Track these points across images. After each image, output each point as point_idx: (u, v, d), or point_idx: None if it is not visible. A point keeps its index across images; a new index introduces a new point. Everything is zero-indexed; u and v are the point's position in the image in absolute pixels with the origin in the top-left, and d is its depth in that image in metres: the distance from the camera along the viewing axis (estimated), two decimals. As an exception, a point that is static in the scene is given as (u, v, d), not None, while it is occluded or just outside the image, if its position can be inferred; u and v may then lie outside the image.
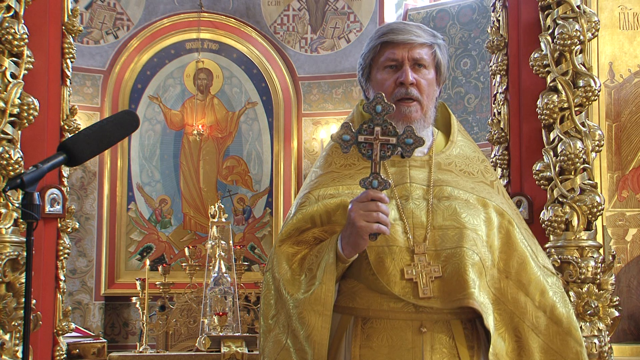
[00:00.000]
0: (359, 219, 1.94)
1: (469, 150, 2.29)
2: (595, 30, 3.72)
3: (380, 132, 1.97)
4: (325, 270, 2.03)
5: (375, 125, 1.97)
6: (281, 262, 2.12)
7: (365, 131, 1.98)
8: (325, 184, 2.18)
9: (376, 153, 1.97)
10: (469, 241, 2.06)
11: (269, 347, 2.12)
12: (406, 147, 1.97)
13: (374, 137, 1.97)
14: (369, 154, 1.98)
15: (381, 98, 1.98)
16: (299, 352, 2.04)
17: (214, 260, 7.93)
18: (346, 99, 9.80)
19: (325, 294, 2.02)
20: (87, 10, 9.58)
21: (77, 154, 1.93)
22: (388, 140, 1.97)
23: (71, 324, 4.06)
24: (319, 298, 2.02)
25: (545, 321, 2.13)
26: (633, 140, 4.03)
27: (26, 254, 1.86)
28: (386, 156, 1.98)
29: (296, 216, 2.16)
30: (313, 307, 2.02)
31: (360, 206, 1.95)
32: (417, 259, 2.05)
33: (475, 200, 2.15)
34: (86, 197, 9.48)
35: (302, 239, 2.15)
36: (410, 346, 2.05)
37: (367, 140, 1.97)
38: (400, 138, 1.97)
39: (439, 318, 2.07)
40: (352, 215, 1.95)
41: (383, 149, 1.97)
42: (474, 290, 2.02)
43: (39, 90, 3.62)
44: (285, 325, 2.10)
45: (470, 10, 9.20)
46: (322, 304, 2.02)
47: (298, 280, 2.09)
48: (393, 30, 2.19)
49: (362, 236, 1.96)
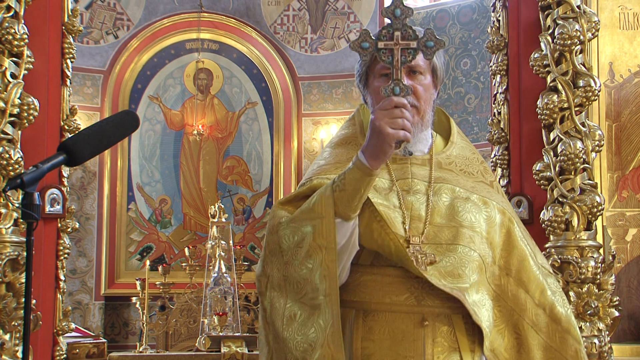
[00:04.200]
0: (385, 127, 1.91)
1: (468, 151, 2.31)
2: (595, 30, 3.72)
3: (400, 36, 1.92)
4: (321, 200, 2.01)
5: (395, 30, 1.92)
6: (279, 213, 2.11)
7: (385, 37, 1.93)
8: (328, 171, 2.19)
9: (397, 58, 1.92)
10: (465, 239, 2.08)
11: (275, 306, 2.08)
12: (427, 50, 1.93)
13: (394, 42, 1.92)
14: (389, 60, 1.92)
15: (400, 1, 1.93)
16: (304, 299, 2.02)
17: (214, 260, 7.93)
18: (346, 99, 9.80)
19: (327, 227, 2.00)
20: (87, 10, 9.58)
21: (77, 154, 1.93)
22: (408, 44, 1.92)
23: (71, 324, 4.06)
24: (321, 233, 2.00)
25: (544, 319, 2.15)
26: (633, 140, 4.03)
27: (26, 254, 1.86)
28: (407, 61, 1.93)
29: (298, 190, 2.16)
30: (316, 240, 2.01)
31: (385, 113, 1.92)
32: (413, 247, 2.06)
33: (477, 199, 2.17)
34: (86, 197, 9.48)
35: (299, 205, 2.13)
36: (412, 339, 2.06)
37: (387, 46, 1.92)
38: (420, 41, 1.92)
39: (440, 312, 2.08)
40: (377, 124, 1.92)
41: (404, 54, 1.92)
42: (468, 286, 2.05)
43: (39, 90, 3.62)
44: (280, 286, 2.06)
45: (470, 10, 9.19)
46: (324, 238, 2.00)
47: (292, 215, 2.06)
48: None
49: (389, 143, 1.93)
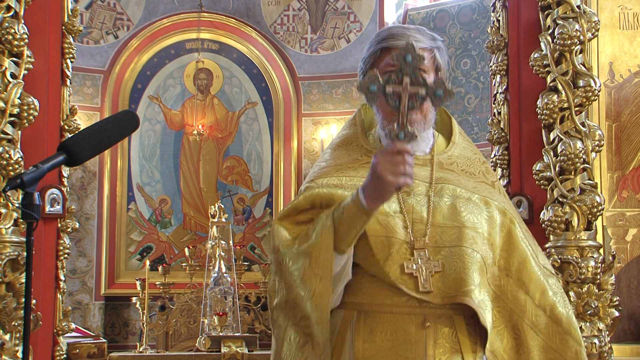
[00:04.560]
0: (386, 173, 1.90)
1: (470, 152, 2.31)
2: (595, 30, 3.72)
3: (410, 82, 1.88)
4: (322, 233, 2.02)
5: (405, 76, 1.88)
6: (281, 232, 2.11)
7: (394, 81, 1.89)
8: (329, 173, 2.20)
9: (404, 104, 1.88)
10: (468, 240, 2.07)
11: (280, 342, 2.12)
12: (436, 99, 1.90)
13: (403, 87, 1.88)
14: (396, 104, 1.89)
15: (412, 47, 1.90)
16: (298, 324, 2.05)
17: (214, 260, 7.93)
18: (346, 99, 9.80)
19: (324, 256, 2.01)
20: (87, 10, 9.58)
21: (77, 154, 1.93)
22: (417, 90, 1.89)
23: (71, 324, 4.06)
24: (318, 261, 2.01)
25: (544, 320, 2.14)
26: (633, 140, 4.03)
27: (26, 254, 1.86)
28: (414, 107, 1.90)
29: (299, 198, 2.17)
30: (313, 269, 2.01)
31: (387, 159, 1.90)
32: (417, 254, 2.06)
33: (478, 199, 2.16)
34: (86, 197, 9.48)
35: (299, 220, 2.15)
36: (414, 340, 2.05)
37: (395, 91, 1.89)
38: (429, 89, 1.89)
39: (442, 313, 2.07)
40: (378, 169, 1.91)
41: (411, 100, 1.89)
42: (473, 288, 2.04)
43: (39, 90, 3.62)
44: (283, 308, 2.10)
45: (470, 10, 9.19)
46: (321, 267, 2.01)
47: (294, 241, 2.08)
48: (393, 35, 2.18)
49: (389, 189, 1.93)
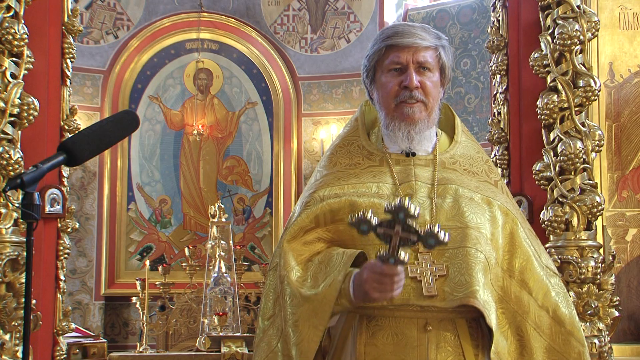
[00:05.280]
0: (373, 292, 1.95)
1: (473, 150, 2.30)
2: (595, 30, 3.72)
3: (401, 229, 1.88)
4: (329, 294, 2.04)
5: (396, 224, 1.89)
6: (289, 260, 2.13)
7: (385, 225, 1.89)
8: (330, 183, 2.19)
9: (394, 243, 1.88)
10: (471, 240, 2.07)
11: (260, 348, 2.16)
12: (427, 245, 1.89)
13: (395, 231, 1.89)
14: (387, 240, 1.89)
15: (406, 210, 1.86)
16: (286, 358, 2.08)
17: (214, 260, 7.92)
18: (346, 99, 9.80)
19: (323, 310, 2.04)
20: (87, 10, 9.57)
21: (77, 154, 1.93)
22: (408, 237, 1.89)
23: (71, 324, 4.06)
24: (317, 312, 2.04)
25: (548, 321, 2.14)
26: (633, 140, 4.03)
27: (26, 254, 1.86)
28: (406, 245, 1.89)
29: (301, 216, 2.17)
30: (309, 319, 2.05)
31: (375, 278, 1.94)
32: (422, 257, 2.06)
33: (480, 199, 2.15)
34: (86, 197, 9.48)
35: (306, 240, 2.16)
36: (416, 344, 2.05)
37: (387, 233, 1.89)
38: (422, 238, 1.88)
39: (444, 316, 2.07)
40: (365, 287, 1.96)
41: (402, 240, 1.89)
42: (478, 289, 2.03)
43: (39, 90, 3.63)
44: (280, 329, 2.12)
45: (470, 10, 9.20)
46: (319, 318, 2.04)
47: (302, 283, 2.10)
48: (398, 33, 2.18)
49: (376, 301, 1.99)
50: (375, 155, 2.24)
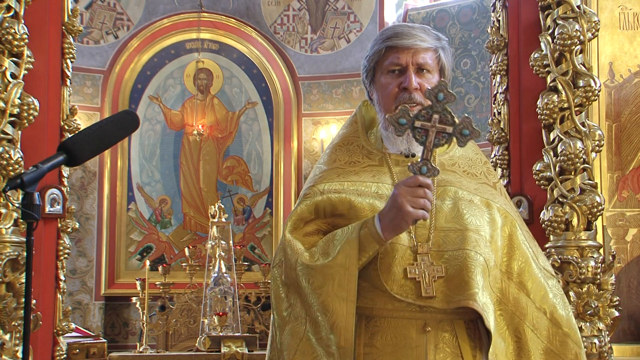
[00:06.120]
0: (406, 205, 1.92)
1: (472, 152, 2.29)
2: (595, 30, 3.71)
3: (438, 120, 1.94)
4: (347, 254, 2.01)
5: (434, 113, 1.94)
6: (296, 246, 2.10)
7: (423, 117, 1.95)
8: (330, 178, 2.19)
9: (430, 140, 1.94)
10: (471, 243, 2.06)
11: (287, 340, 2.09)
12: (462, 137, 1.95)
13: (431, 124, 1.95)
14: (422, 139, 1.95)
15: (444, 86, 1.96)
16: (321, 342, 2.02)
17: (214, 260, 7.93)
18: (346, 99, 9.80)
19: (348, 278, 2.00)
20: (87, 10, 9.58)
21: (77, 154, 1.93)
22: (445, 128, 1.94)
23: (71, 324, 4.06)
24: (343, 284, 2.00)
25: (545, 323, 2.14)
26: (633, 140, 4.03)
27: (26, 254, 1.86)
28: (440, 144, 1.96)
29: (300, 207, 2.16)
30: (337, 293, 2.00)
31: (409, 191, 1.93)
32: (420, 258, 2.06)
33: (479, 201, 2.15)
34: (86, 197, 9.48)
35: (307, 231, 2.15)
36: (414, 345, 2.05)
37: (424, 127, 1.95)
38: (457, 128, 1.95)
39: (442, 317, 2.07)
40: (398, 200, 1.93)
41: (438, 137, 1.95)
42: (477, 291, 2.03)
43: (39, 90, 3.62)
44: (301, 316, 2.07)
45: (470, 10, 9.20)
46: (345, 289, 2.00)
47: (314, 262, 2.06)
48: (398, 34, 2.18)
49: (407, 220, 1.95)
50: (375, 155, 2.23)
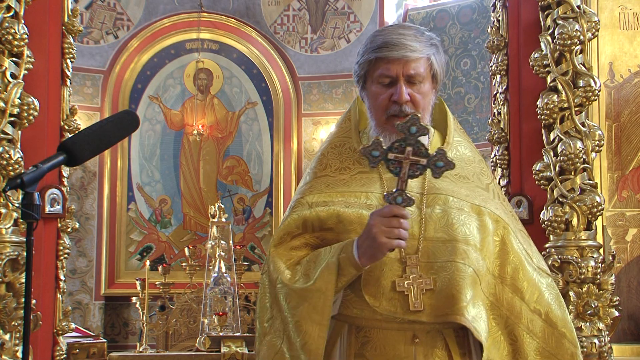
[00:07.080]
0: (380, 235, 1.92)
1: (466, 150, 2.26)
2: (595, 30, 3.72)
3: (412, 152, 1.94)
4: (325, 279, 2.01)
5: (407, 145, 1.94)
6: (278, 263, 2.11)
7: (396, 149, 1.95)
8: (318, 189, 2.17)
9: (404, 172, 1.94)
10: (460, 254, 2.04)
11: (264, 351, 2.11)
12: (436, 169, 1.94)
13: (405, 156, 1.94)
14: (396, 171, 1.95)
15: (417, 119, 1.95)
16: (293, 359, 2.04)
17: (214, 260, 7.92)
18: (346, 99, 9.80)
19: (323, 303, 2.01)
20: (87, 10, 9.58)
21: (77, 154, 1.93)
22: (418, 160, 1.94)
23: (71, 324, 4.06)
24: (317, 307, 2.01)
25: (540, 324, 2.13)
26: (633, 140, 4.03)
27: (26, 254, 1.86)
28: (414, 175, 1.96)
29: (287, 220, 2.15)
30: (311, 316, 2.01)
31: (383, 222, 1.93)
32: (409, 270, 2.04)
33: (470, 208, 2.12)
34: (86, 197, 9.48)
35: (294, 245, 2.15)
36: (404, 356, 2.05)
37: (397, 159, 1.94)
38: (431, 160, 1.94)
39: (431, 328, 2.06)
40: (373, 230, 1.93)
41: (412, 168, 1.94)
42: (466, 304, 2.01)
43: (39, 90, 3.62)
44: (280, 330, 2.09)
45: (470, 10, 9.19)
46: (319, 313, 2.01)
47: (293, 284, 2.07)
48: (387, 44, 2.13)
49: (382, 250, 1.95)
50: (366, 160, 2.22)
